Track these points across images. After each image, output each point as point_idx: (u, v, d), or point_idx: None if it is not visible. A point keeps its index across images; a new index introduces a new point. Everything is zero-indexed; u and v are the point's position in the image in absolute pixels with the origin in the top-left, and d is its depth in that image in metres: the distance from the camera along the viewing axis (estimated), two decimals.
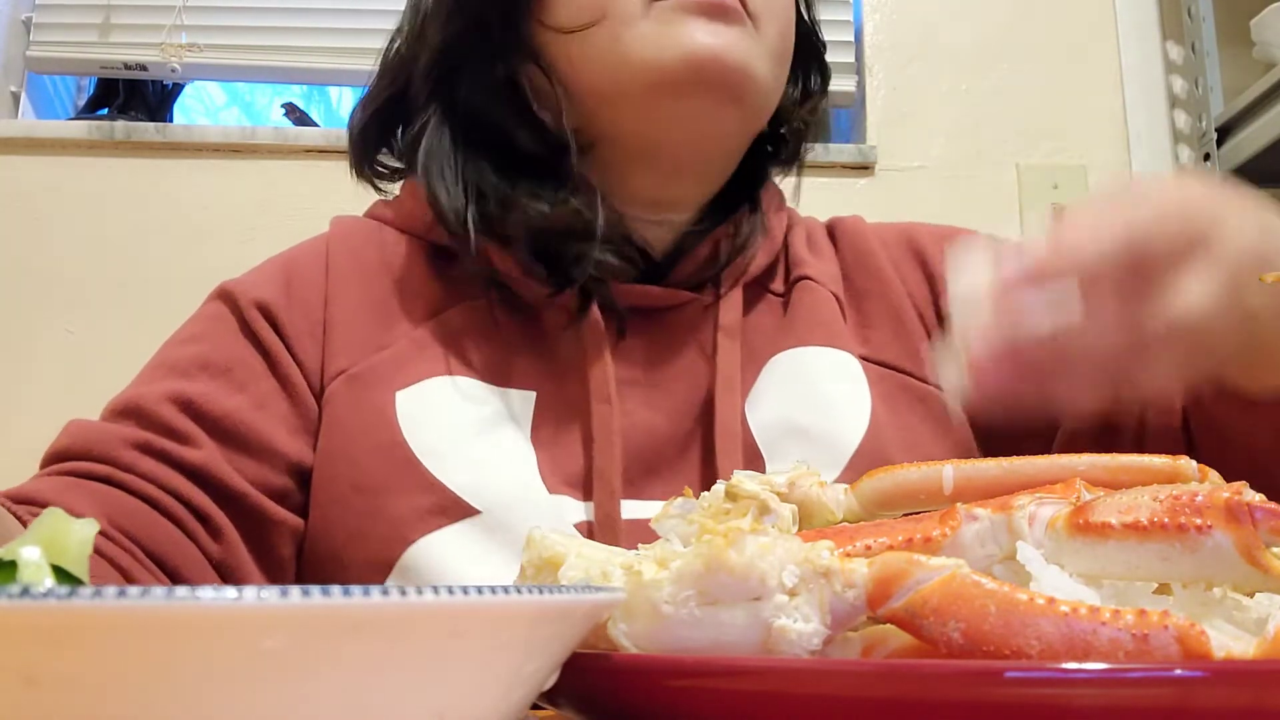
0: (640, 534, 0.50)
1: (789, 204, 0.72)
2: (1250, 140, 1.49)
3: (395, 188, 0.70)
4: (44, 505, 0.51)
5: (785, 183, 0.73)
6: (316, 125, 1.73)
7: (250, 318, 0.60)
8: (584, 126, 0.61)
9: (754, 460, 0.59)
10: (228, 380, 0.58)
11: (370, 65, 0.69)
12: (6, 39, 1.61)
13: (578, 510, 0.57)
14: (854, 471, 0.59)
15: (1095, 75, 1.64)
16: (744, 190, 0.68)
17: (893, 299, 0.68)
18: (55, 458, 0.55)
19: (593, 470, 0.57)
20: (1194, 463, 0.36)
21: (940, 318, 0.68)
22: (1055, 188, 1.59)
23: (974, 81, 1.63)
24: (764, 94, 0.62)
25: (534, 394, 0.60)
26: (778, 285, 0.67)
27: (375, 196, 0.71)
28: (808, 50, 0.70)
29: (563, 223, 0.59)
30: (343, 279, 0.63)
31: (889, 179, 1.59)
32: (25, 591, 0.17)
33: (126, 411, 0.56)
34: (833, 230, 0.74)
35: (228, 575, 0.55)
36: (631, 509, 0.57)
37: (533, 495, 0.56)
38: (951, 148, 1.61)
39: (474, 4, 0.62)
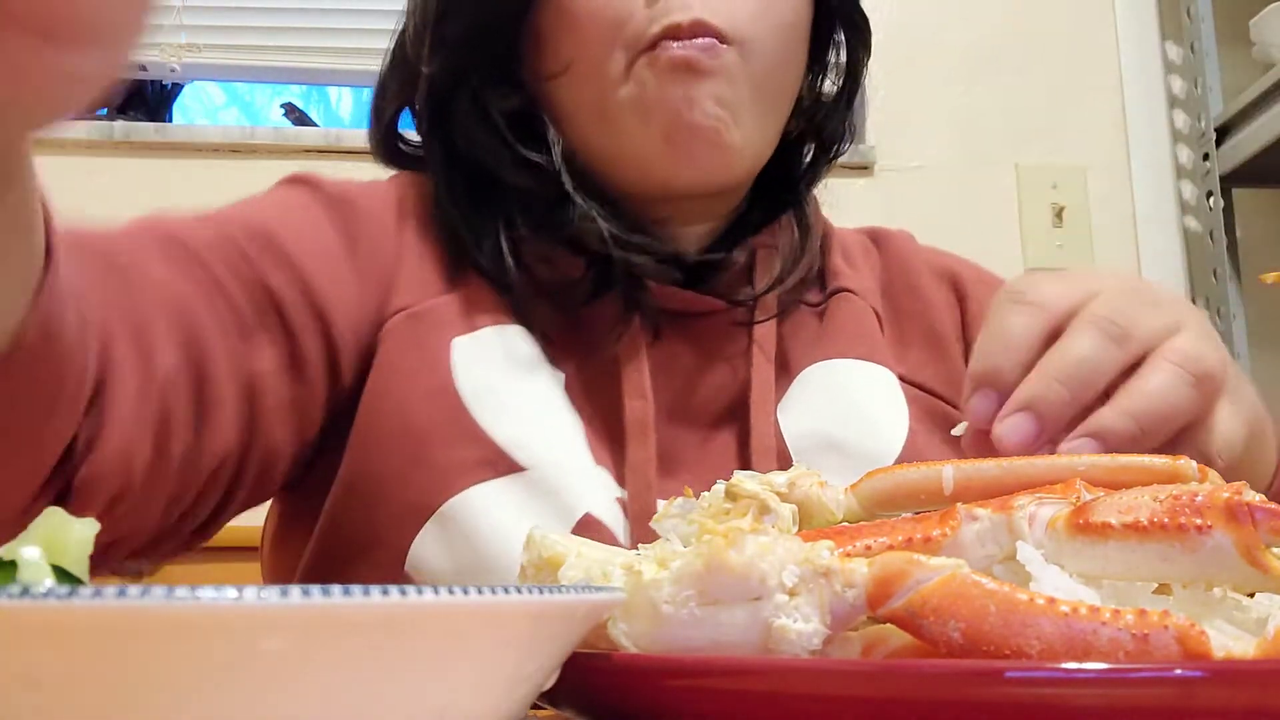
0: None
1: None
2: (1249, 140, 1.49)
3: None
4: (112, 253, 0.48)
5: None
6: (316, 125, 1.73)
7: (334, 206, 0.59)
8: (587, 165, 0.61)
9: (786, 467, 0.59)
10: (302, 246, 0.56)
11: (369, 65, 0.69)
12: None
13: (615, 489, 0.56)
14: None
15: (1094, 75, 1.64)
16: (782, 190, 0.66)
17: (933, 322, 0.67)
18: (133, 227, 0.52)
19: (627, 463, 0.56)
20: (1194, 463, 0.36)
21: (968, 354, 0.67)
22: (1054, 188, 1.59)
23: (972, 82, 1.63)
24: (756, 135, 0.60)
25: (563, 375, 0.59)
26: (812, 296, 0.66)
27: None
28: (835, 20, 0.66)
29: (594, 239, 0.59)
30: (418, 219, 0.61)
31: (888, 179, 1.59)
32: (25, 591, 0.17)
33: (200, 225, 0.54)
34: (877, 241, 0.72)
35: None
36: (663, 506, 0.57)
37: (579, 462, 0.55)
38: (950, 148, 1.61)
39: (461, 47, 0.61)
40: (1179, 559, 0.29)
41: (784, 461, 0.59)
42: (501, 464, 0.54)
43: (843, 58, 0.67)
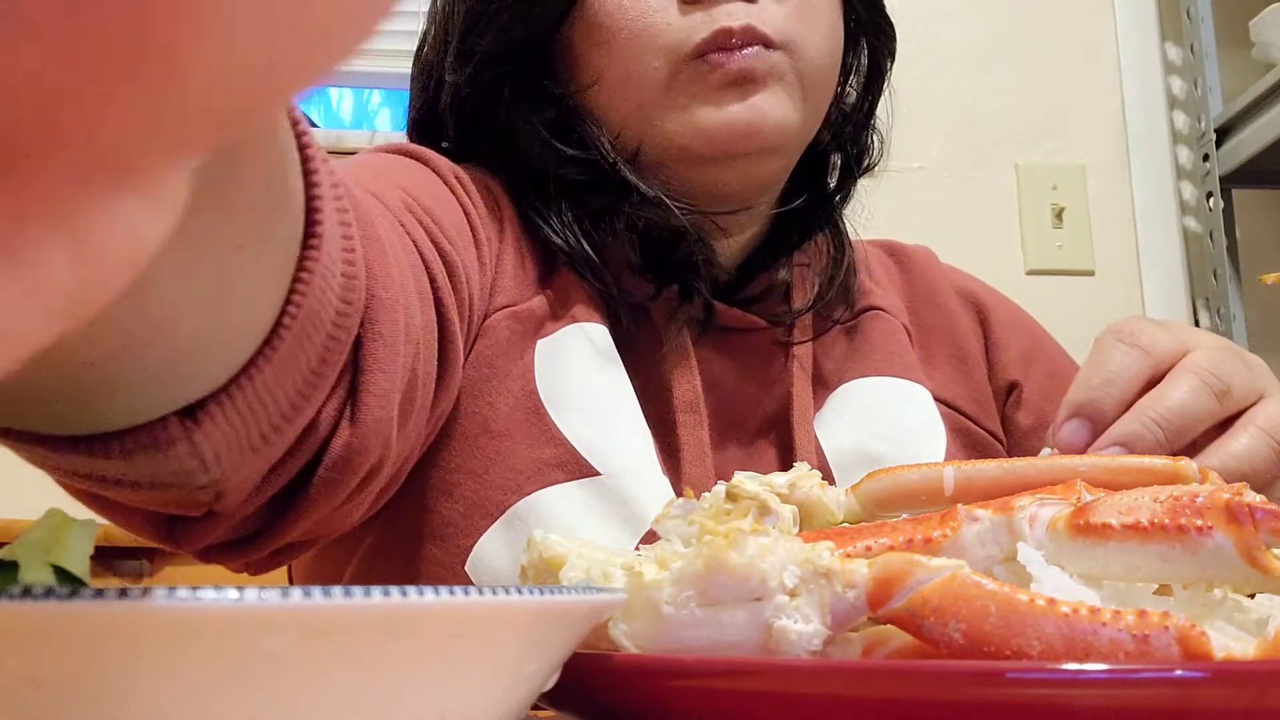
0: None
1: None
2: (1249, 141, 1.49)
3: None
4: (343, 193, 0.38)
5: None
6: (316, 126, 1.73)
7: (451, 183, 0.57)
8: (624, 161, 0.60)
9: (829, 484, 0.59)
10: (438, 213, 0.52)
11: (370, 67, 0.68)
12: None
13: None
14: None
15: (1094, 76, 1.64)
16: (813, 203, 0.66)
17: (958, 340, 0.68)
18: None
19: (682, 476, 0.56)
20: (1194, 464, 0.36)
21: (990, 378, 0.68)
22: (1054, 188, 1.59)
23: (972, 82, 1.63)
24: (804, 131, 0.60)
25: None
26: (840, 312, 0.66)
27: None
28: (862, 27, 0.66)
29: (665, 225, 0.58)
30: (505, 209, 0.60)
31: (888, 180, 1.58)
32: (27, 592, 0.17)
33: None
34: (897, 257, 0.73)
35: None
36: None
37: (650, 471, 0.55)
38: (950, 148, 1.61)
39: (491, 61, 0.60)
40: (1179, 560, 0.29)
41: (826, 477, 0.58)
42: (575, 467, 0.53)
43: (864, 62, 0.67)
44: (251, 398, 0.29)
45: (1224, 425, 0.44)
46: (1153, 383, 0.44)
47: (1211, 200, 1.56)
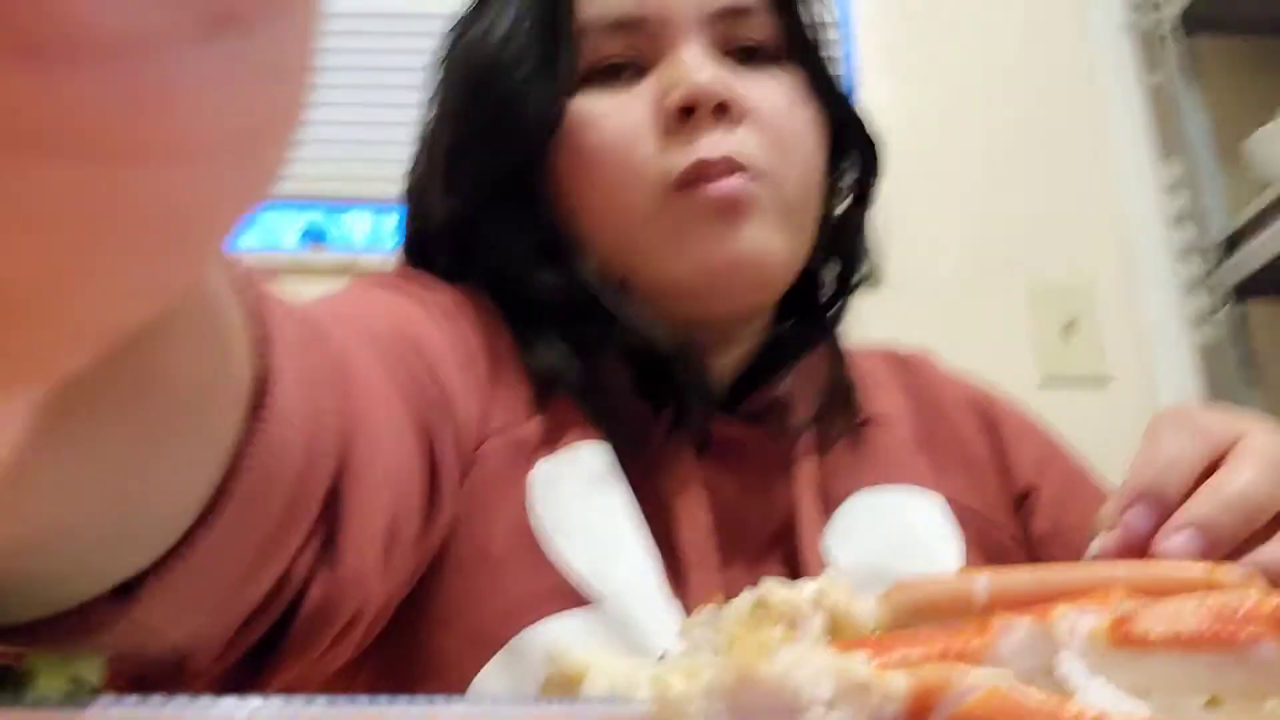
0: None
1: None
2: (1257, 253, 1.51)
3: None
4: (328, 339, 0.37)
5: None
6: (333, 248, 1.77)
7: (446, 310, 0.55)
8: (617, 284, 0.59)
9: None
10: (427, 349, 0.50)
11: (385, 189, 0.68)
12: None
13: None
14: None
15: (1094, 193, 1.68)
16: (812, 318, 0.65)
17: (967, 446, 0.67)
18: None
19: (690, 599, 0.53)
20: (1233, 570, 0.35)
21: (1005, 484, 0.67)
22: (1063, 303, 1.61)
23: (976, 201, 1.66)
24: (792, 261, 0.60)
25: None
26: (845, 424, 0.65)
27: None
28: (848, 145, 0.66)
29: (653, 351, 0.57)
30: (498, 334, 0.59)
31: (894, 294, 1.60)
32: (42, 701, 0.16)
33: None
34: (898, 363, 0.72)
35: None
36: None
37: (653, 595, 0.53)
38: (957, 266, 1.63)
39: (474, 190, 0.60)
40: (1228, 670, 0.28)
41: None
42: (576, 596, 0.51)
43: (854, 179, 0.67)
44: (196, 565, 0.27)
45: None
46: (1212, 468, 0.43)
47: (1222, 312, 1.57)
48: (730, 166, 0.56)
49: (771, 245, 0.57)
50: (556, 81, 0.58)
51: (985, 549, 0.62)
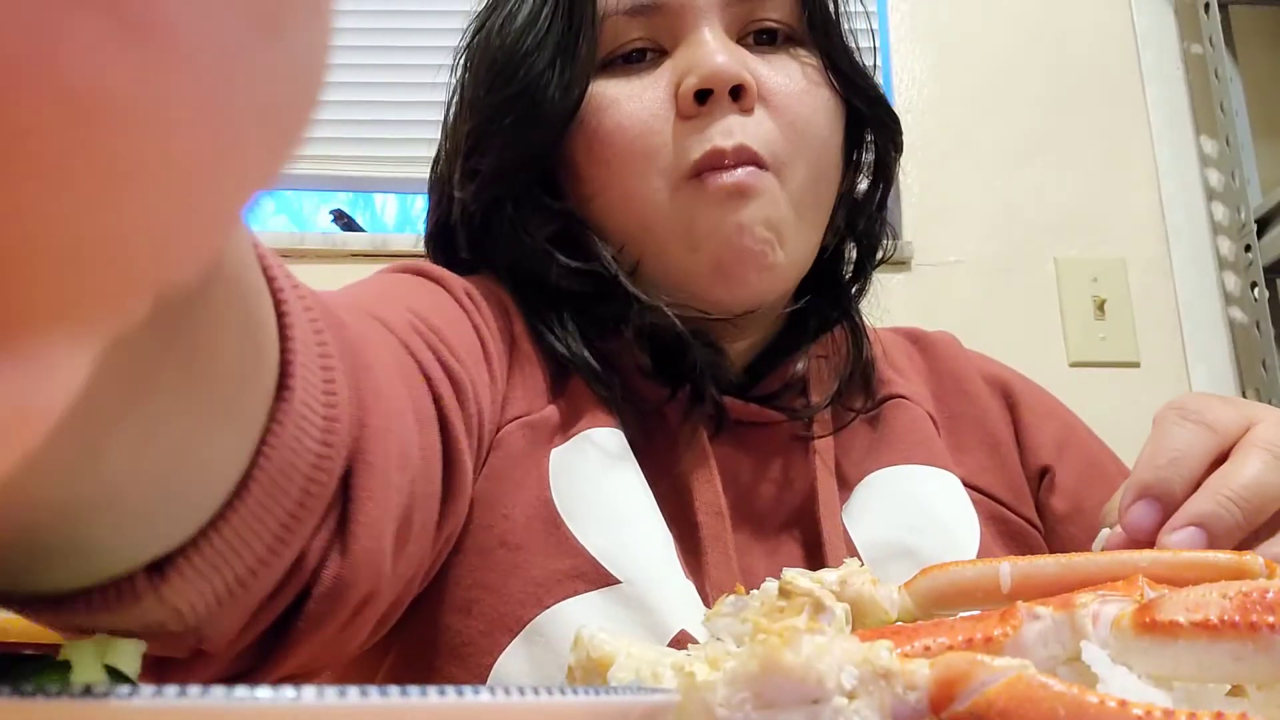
0: None
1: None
2: None
3: None
4: (337, 323, 0.38)
5: None
6: (363, 230, 1.78)
7: (460, 297, 0.56)
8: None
9: None
10: (448, 330, 0.52)
11: (413, 173, 0.70)
12: None
13: (701, 605, 0.54)
14: None
15: (1130, 169, 1.65)
16: (830, 298, 0.65)
17: (988, 426, 0.67)
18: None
19: (706, 578, 0.55)
20: (1260, 558, 0.35)
21: (1023, 464, 0.67)
22: (1094, 280, 1.59)
23: (1009, 177, 1.65)
24: (797, 262, 0.60)
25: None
26: (860, 402, 0.65)
27: None
28: (868, 124, 0.66)
29: (671, 332, 0.58)
30: (517, 321, 0.60)
31: (925, 274, 1.59)
32: (87, 690, 0.17)
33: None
34: (920, 344, 0.72)
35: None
36: None
37: (675, 577, 0.53)
38: (988, 242, 1.62)
39: (493, 179, 0.61)
40: (1253, 659, 0.28)
41: None
42: (595, 576, 0.52)
43: (873, 157, 0.67)
44: (222, 547, 0.28)
45: None
46: (1219, 460, 0.43)
47: (1256, 291, 1.54)
48: (743, 156, 0.56)
49: (780, 241, 0.58)
50: (576, 66, 0.58)
51: (1001, 529, 0.62)
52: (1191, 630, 0.28)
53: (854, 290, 0.67)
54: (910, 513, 0.60)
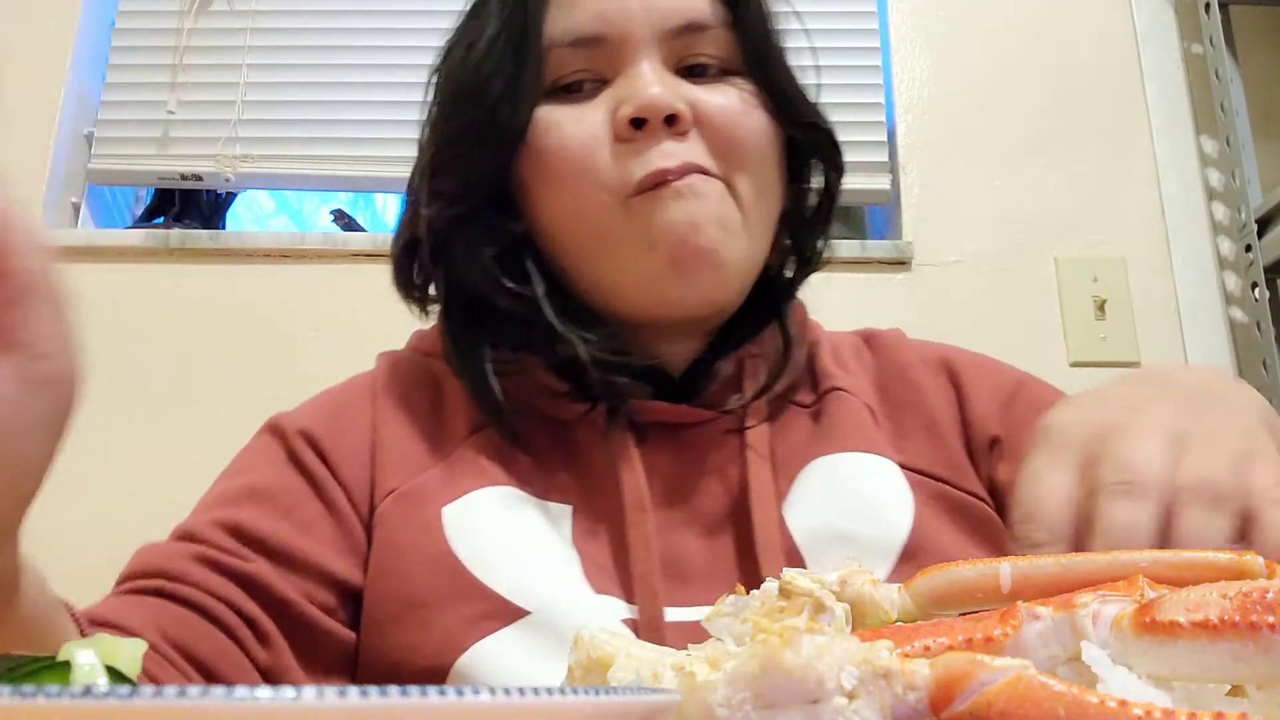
0: (685, 638, 0.49)
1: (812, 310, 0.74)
2: None
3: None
4: (101, 622, 0.52)
5: (815, 277, 0.74)
6: (363, 230, 1.78)
7: (296, 446, 0.63)
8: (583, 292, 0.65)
9: (794, 562, 0.60)
10: (273, 505, 0.60)
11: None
12: (69, 152, 1.68)
13: (622, 610, 0.57)
14: (901, 574, 0.59)
15: (1131, 169, 1.65)
16: (765, 303, 0.68)
17: (928, 410, 0.68)
18: (121, 580, 0.57)
19: (633, 575, 0.57)
20: (1260, 558, 0.35)
21: (968, 438, 0.68)
22: (1095, 280, 1.59)
23: (1009, 177, 1.65)
24: (746, 265, 0.64)
25: (570, 508, 0.61)
26: (804, 397, 0.68)
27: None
28: (809, 149, 0.70)
29: (583, 360, 0.62)
30: (390, 405, 0.65)
31: (926, 274, 1.59)
32: (88, 691, 0.17)
33: (181, 536, 0.59)
34: (869, 341, 0.74)
35: (274, 682, 0.55)
36: (672, 614, 0.57)
37: (580, 595, 0.57)
38: (988, 242, 1.62)
39: (453, 199, 0.65)
40: (1253, 659, 0.28)
41: (792, 558, 0.60)
42: (505, 613, 0.55)
43: (819, 179, 0.71)
44: None
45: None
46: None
47: (1256, 291, 1.54)
48: (689, 169, 0.60)
49: (730, 241, 0.61)
50: (524, 93, 0.62)
51: (944, 506, 0.64)
52: (1191, 630, 0.28)
53: (786, 297, 0.70)
54: (844, 499, 0.62)
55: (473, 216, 0.65)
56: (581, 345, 0.61)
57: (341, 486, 0.62)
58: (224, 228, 1.79)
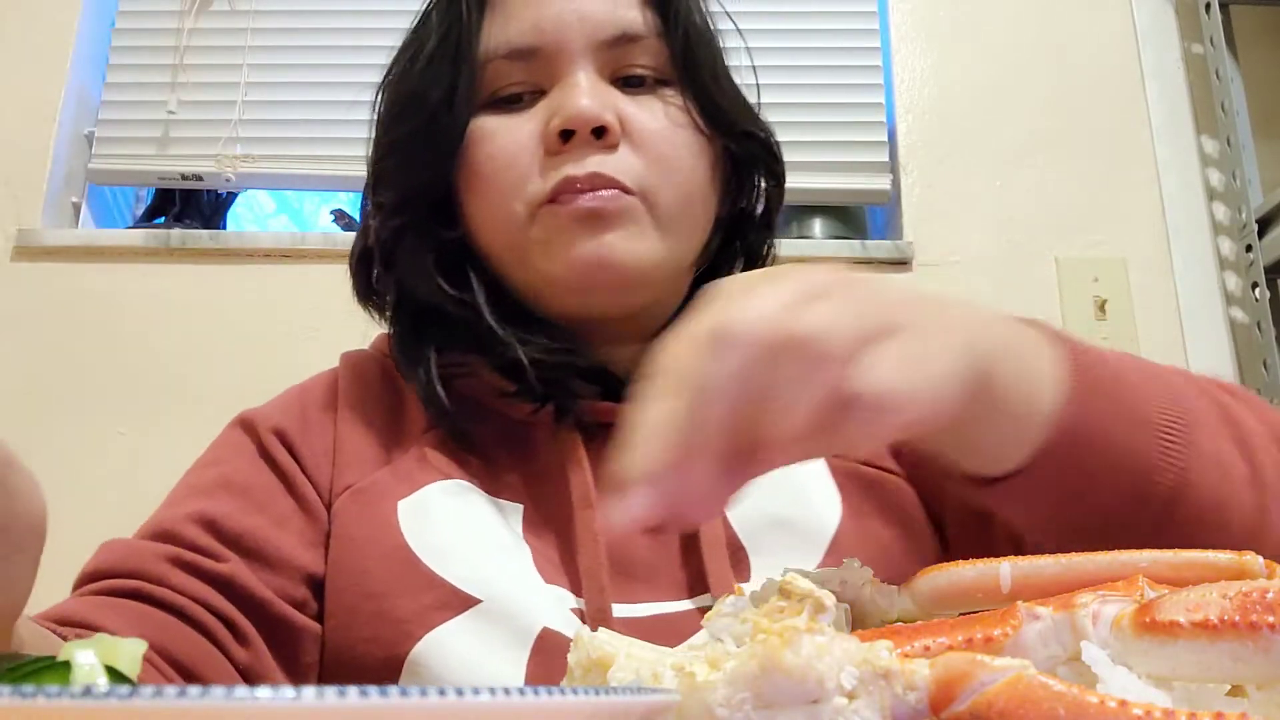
0: (632, 632, 0.50)
1: None
2: None
3: None
4: (80, 624, 0.52)
5: None
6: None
7: (268, 443, 0.64)
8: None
9: (738, 553, 0.61)
10: (247, 500, 0.61)
11: None
12: (69, 153, 1.68)
13: (571, 601, 0.58)
14: (834, 557, 0.60)
15: (1131, 169, 1.65)
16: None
17: None
18: (89, 578, 0.58)
19: (580, 570, 0.58)
20: (1260, 558, 0.35)
21: None
22: (1095, 280, 1.59)
23: (1009, 177, 1.65)
24: (671, 263, 0.64)
25: (521, 506, 0.62)
26: None
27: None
28: (748, 159, 0.70)
29: (523, 363, 0.63)
30: (350, 404, 0.67)
31: (925, 274, 1.59)
32: (87, 691, 0.17)
33: (155, 534, 0.59)
34: None
35: (254, 681, 0.56)
36: (620, 611, 0.58)
37: (530, 585, 0.58)
38: (989, 242, 1.62)
39: (396, 209, 0.66)
40: (1252, 659, 0.28)
41: (734, 549, 0.61)
42: (457, 602, 0.56)
43: (759, 184, 0.72)
44: None
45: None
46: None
47: (1257, 291, 1.54)
48: (598, 181, 0.61)
49: (638, 250, 0.62)
50: (459, 105, 0.64)
51: (859, 485, 0.65)
52: (1191, 630, 0.28)
53: None
54: (774, 485, 0.62)
55: (414, 225, 0.66)
56: (520, 347, 0.62)
57: (311, 482, 0.63)
58: (224, 228, 1.79)
